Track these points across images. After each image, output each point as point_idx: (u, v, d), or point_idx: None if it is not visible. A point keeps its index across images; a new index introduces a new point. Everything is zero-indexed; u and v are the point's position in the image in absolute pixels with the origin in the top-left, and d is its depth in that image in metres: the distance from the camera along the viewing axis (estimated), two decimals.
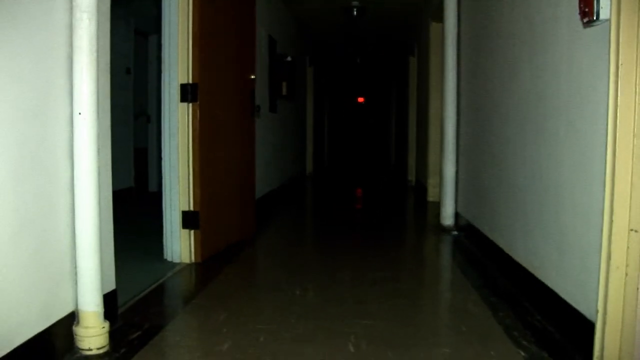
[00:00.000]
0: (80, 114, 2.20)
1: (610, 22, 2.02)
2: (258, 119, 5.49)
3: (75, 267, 2.26)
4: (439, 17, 5.49)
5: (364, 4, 7.81)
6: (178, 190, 3.74)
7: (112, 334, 2.38)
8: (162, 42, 3.72)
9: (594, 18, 2.08)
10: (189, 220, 3.75)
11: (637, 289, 2.03)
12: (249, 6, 4.60)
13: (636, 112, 1.97)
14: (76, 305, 2.28)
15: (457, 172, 5.14)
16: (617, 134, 2.00)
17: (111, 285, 2.63)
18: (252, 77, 4.56)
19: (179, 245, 3.77)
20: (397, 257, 4.23)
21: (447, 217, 5.17)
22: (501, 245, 3.59)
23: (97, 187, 2.26)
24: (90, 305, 2.26)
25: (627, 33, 1.96)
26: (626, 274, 2.02)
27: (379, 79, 17.70)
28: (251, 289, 3.34)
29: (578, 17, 2.24)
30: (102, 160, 2.38)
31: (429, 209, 6.59)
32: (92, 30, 2.22)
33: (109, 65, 2.56)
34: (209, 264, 3.76)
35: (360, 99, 20.69)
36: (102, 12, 2.40)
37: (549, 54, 2.76)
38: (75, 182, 2.22)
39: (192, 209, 3.74)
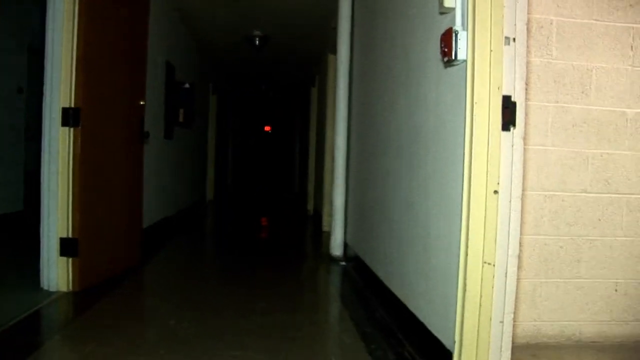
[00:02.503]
0: None
1: (466, 63, 2.15)
2: (151, 146, 5.40)
3: None
4: (335, 49, 5.61)
5: (266, 34, 7.89)
6: (57, 216, 3.61)
7: None
8: (45, 62, 3.62)
9: (453, 58, 2.21)
10: (67, 247, 3.62)
11: (490, 319, 2.13)
12: (140, 31, 4.53)
13: (490, 149, 2.09)
14: None
15: (346, 203, 5.22)
16: (472, 168, 2.11)
17: None
18: (142, 103, 4.47)
19: (56, 273, 3.62)
20: (283, 288, 4.21)
21: (337, 247, 5.23)
22: (380, 277, 3.68)
23: None
24: None
25: (481, 74, 2.08)
26: (480, 305, 2.12)
27: (284, 108, 17.84)
28: (126, 319, 3.23)
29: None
30: None
31: (323, 239, 6.64)
32: None
33: None
34: (88, 293, 3.62)
35: (267, 128, 20.76)
36: None
37: (421, 90, 2.89)
38: None
39: (71, 235, 3.61)
